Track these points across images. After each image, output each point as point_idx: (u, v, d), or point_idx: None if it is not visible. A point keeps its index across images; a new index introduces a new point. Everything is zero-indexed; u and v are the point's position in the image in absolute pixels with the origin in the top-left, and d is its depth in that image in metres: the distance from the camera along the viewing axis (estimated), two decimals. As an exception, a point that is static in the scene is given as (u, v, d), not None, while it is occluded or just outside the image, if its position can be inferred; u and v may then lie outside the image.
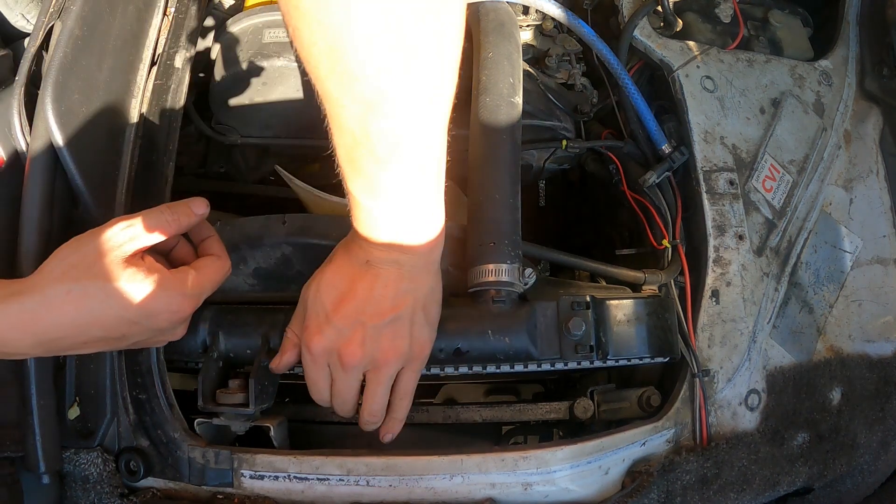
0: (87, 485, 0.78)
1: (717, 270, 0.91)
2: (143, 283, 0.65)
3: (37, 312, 0.62)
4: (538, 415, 0.93)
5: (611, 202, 1.11)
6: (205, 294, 0.72)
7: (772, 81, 1.02)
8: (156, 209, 0.70)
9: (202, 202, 0.73)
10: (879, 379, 0.98)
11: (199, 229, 0.76)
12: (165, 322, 0.69)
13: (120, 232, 0.66)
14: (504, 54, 0.90)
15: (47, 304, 0.62)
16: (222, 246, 0.76)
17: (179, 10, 0.93)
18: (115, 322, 0.65)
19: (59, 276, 0.64)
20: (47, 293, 0.63)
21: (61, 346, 0.66)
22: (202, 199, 0.73)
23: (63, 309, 0.63)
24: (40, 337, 0.63)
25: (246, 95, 0.96)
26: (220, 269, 0.73)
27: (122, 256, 0.65)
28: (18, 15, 0.97)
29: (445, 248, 0.86)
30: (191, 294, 0.69)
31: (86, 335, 0.65)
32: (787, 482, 0.90)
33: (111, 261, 0.64)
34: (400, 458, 0.78)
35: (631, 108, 0.98)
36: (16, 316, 0.62)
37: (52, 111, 0.74)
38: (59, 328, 0.63)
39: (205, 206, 0.73)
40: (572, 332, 0.78)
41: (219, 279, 0.73)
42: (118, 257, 0.64)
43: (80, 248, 0.65)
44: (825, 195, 1.01)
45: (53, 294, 0.63)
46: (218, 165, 1.07)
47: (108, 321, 0.65)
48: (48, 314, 0.63)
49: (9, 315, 0.62)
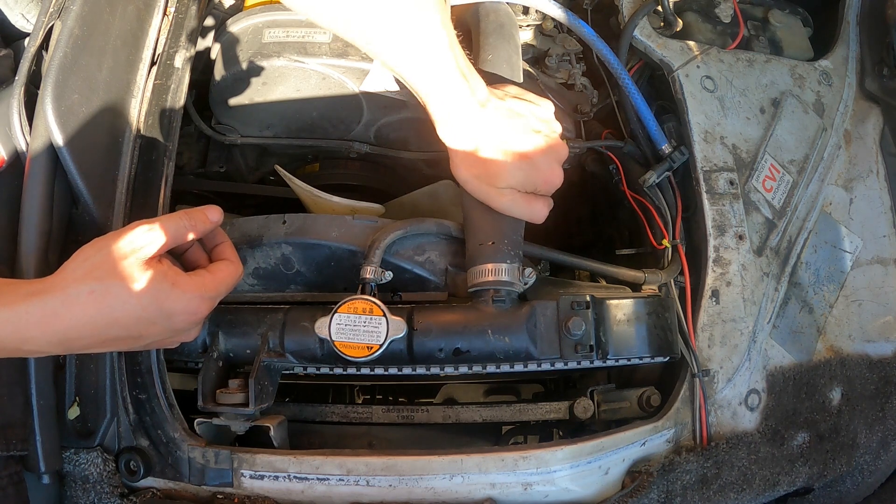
0: (87, 485, 0.78)
1: (717, 270, 0.91)
2: (163, 284, 0.67)
3: (58, 311, 0.64)
4: (538, 415, 0.93)
5: (611, 202, 1.11)
6: (220, 296, 0.74)
7: (772, 81, 1.02)
8: (174, 215, 0.72)
9: (217, 210, 0.76)
10: (879, 379, 0.98)
11: (213, 235, 0.79)
12: (182, 322, 0.71)
13: (141, 235, 0.68)
14: (503, 57, 0.90)
15: (69, 304, 0.64)
16: (235, 251, 0.79)
17: (179, 10, 0.93)
18: (134, 322, 0.67)
19: (81, 276, 0.65)
20: (69, 292, 0.64)
21: (80, 345, 0.67)
22: (217, 208, 0.76)
23: (84, 308, 0.64)
24: (60, 336, 0.65)
25: (246, 95, 0.96)
26: (234, 273, 0.76)
27: (143, 259, 0.67)
28: (18, 15, 0.97)
29: (446, 248, 0.86)
30: (208, 296, 0.72)
31: (105, 334, 0.67)
32: (787, 482, 0.90)
33: (132, 263, 0.66)
34: (400, 458, 0.78)
35: (631, 107, 0.98)
36: (38, 314, 0.63)
37: (52, 111, 0.74)
38: (79, 327, 0.65)
39: (219, 214, 0.76)
40: (572, 332, 0.78)
41: (232, 283, 0.76)
42: (139, 259, 0.67)
43: (102, 249, 0.67)
44: (825, 195, 1.01)
45: (75, 293, 0.64)
46: (218, 165, 1.07)
47: (128, 321, 0.67)
48: (69, 313, 0.64)
49: (30, 313, 0.63)
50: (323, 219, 0.86)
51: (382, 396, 1.18)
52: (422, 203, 1.01)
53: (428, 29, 0.75)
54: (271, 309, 0.83)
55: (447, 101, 0.78)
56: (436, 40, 0.75)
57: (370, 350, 0.76)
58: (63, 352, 0.69)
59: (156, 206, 0.84)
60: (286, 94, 0.95)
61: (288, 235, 0.85)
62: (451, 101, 0.77)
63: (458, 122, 0.78)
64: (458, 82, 0.76)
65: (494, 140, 0.79)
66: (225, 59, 0.95)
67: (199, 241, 0.78)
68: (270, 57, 0.92)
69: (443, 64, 0.76)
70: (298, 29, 0.93)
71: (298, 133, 1.02)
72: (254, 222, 0.87)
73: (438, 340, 0.79)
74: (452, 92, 0.77)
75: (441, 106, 0.78)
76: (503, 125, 0.79)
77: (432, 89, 0.77)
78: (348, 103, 0.96)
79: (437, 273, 0.86)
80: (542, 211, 0.83)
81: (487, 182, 0.80)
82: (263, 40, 0.93)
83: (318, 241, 0.84)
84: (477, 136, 0.79)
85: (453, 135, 0.80)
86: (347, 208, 0.91)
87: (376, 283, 0.81)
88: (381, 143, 1.03)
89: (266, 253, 0.86)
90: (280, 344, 0.81)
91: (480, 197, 0.82)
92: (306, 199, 0.96)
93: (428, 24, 0.74)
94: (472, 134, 0.79)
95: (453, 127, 0.79)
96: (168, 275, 0.68)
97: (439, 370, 0.81)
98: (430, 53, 0.75)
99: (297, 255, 0.85)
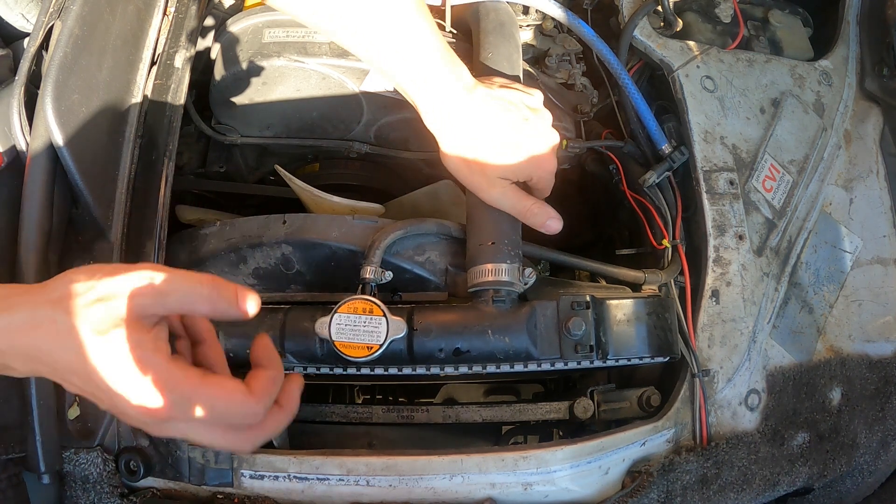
0: (87, 485, 0.78)
1: (717, 270, 0.91)
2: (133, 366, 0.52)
3: (21, 329, 0.54)
4: (538, 415, 0.93)
5: (611, 202, 1.11)
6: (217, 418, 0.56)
7: (772, 81, 1.02)
8: (194, 276, 0.57)
9: (255, 299, 0.58)
10: (879, 379, 0.98)
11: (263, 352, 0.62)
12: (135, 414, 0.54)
13: (141, 283, 0.55)
14: (504, 55, 0.90)
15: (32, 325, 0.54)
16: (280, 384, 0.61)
17: (179, 10, 0.93)
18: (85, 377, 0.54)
19: (55, 298, 0.55)
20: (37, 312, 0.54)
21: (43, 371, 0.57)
22: (255, 296, 0.58)
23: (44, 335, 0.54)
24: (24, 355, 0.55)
25: (246, 95, 0.96)
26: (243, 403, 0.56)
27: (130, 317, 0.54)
28: (18, 15, 0.97)
29: (446, 248, 0.86)
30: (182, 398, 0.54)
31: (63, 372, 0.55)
32: (787, 482, 0.90)
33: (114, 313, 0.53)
34: (400, 458, 0.78)
35: (631, 107, 0.98)
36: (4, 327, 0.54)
37: (52, 111, 0.74)
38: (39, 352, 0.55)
39: (256, 305, 0.58)
40: (572, 332, 0.78)
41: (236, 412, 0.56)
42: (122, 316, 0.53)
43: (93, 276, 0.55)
44: (825, 195, 1.01)
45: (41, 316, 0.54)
46: (218, 165, 1.07)
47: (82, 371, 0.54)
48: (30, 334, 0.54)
49: None
50: (323, 219, 0.86)
51: (382, 396, 1.18)
52: (422, 203, 1.01)
53: (407, 18, 0.74)
54: (271, 309, 0.83)
55: (432, 89, 0.76)
56: (416, 28, 0.74)
57: (370, 350, 0.76)
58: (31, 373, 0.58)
59: (156, 206, 0.83)
60: (286, 94, 0.95)
61: (288, 235, 0.85)
62: (436, 88, 0.76)
63: (444, 108, 0.77)
64: (441, 69, 0.75)
65: (482, 127, 0.77)
66: (225, 59, 0.95)
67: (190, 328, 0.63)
68: (270, 57, 0.92)
69: (425, 51, 0.75)
70: (298, 29, 0.93)
71: (298, 133, 1.02)
72: (254, 222, 0.87)
73: (438, 340, 0.79)
74: (436, 78, 0.76)
75: (426, 94, 0.77)
76: (491, 112, 0.78)
77: (416, 77, 0.76)
78: (348, 103, 0.96)
79: (438, 273, 0.86)
80: (539, 214, 0.81)
81: (478, 171, 0.79)
82: (263, 40, 0.93)
83: (318, 241, 0.84)
84: (464, 122, 0.77)
85: (440, 122, 0.78)
86: (347, 208, 0.91)
87: (376, 283, 0.80)
88: (381, 143, 1.03)
89: (266, 253, 0.86)
90: (280, 344, 0.81)
91: (472, 188, 0.81)
92: (306, 199, 0.96)
93: (407, 13, 0.74)
94: (459, 120, 0.77)
95: (440, 113, 0.78)
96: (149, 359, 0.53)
97: (439, 370, 0.81)
98: (412, 42, 0.74)
99: (297, 255, 0.85)
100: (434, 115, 0.78)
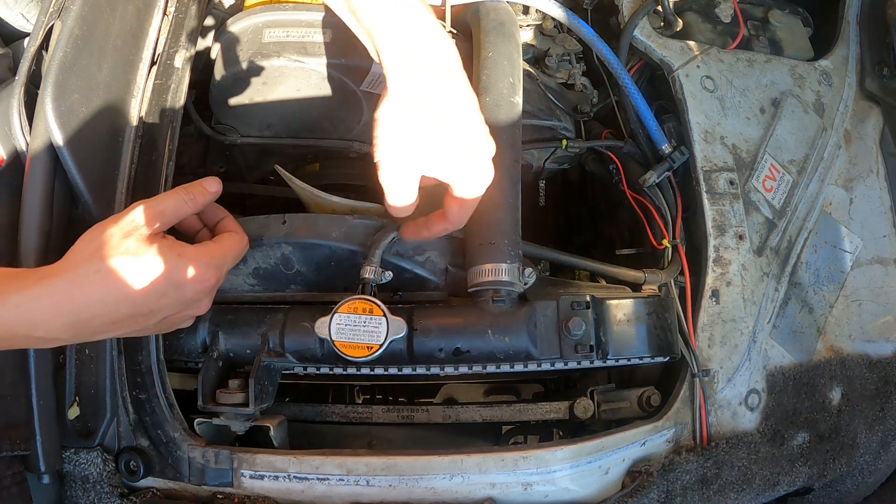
0: (87, 484, 0.78)
1: (717, 270, 0.91)
2: (169, 255, 0.69)
3: (69, 292, 0.65)
4: (538, 415, 0.93)
5: (611, 202, 1.11)
6: (227, 265, 0.76)
7: (772, 81, 1.02)
8: (172, 191, 0.74)
9: (215, 180, 0.77)
10: (879, 379, 0.98)
11: (214, 212, 0.81)
12: (192, 292, 0.72)
13: (141, 214, 0.69)
14: (504, 54, 0.90)
15: (78, 283, 0.65)
16: (237, 224, 0.81)
17: (179, 9, 0.93)
18: (143, 296, 0.68)
19: (87, 256, 0.66)
20: (78, 272, 0.65)
21: (92, 326, 0.67)
22: (215, 178, 0.78)
23: (94, 287, 0.65)
24: (72, 317, 0.65)
25: (246, 95, 0.96)
26: (240, 242, 0.78)
27: (146, 235, 0.68)
28: (18, 15, 0.97)
29: (446, 247, 0.86)
30: (214, 263, 0.73)
31: (116, 312, 0.67)
32: (787, 482, 0.90)
33: (135, 239, 0.67)
34: (400, 458, 0.78)
35: (631, 107, 0.98)
36: (48, 297, 0.64)
37: (52, 111, 0.74)
38: (90, 307, 0.66)
39: (217, 185, 0.77)
40: (572, 332, 0.78)
41: (238, 252, 0.78)
42: (142, 235, 0.68)
43: (105, 230, 0.68)
44: (825, 195, 1.01)
45: (84, 273, 0.65)
46: (218, 165, 1.07)
47: (137, 295, 0.67)
48: (79, 292, 0.65)
49: (41, 297, 0.64)
50: (323, 219, 0.86)
51: (382, 396, 1.18)
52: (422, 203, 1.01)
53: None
54: (271, 309, 0.83)
55: None
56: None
57: (370, 350, 0.76)
58: (74, 337, 0.69)
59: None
60: (286, 93, 0.95)
61: (288, 235, 0.85)
62: None
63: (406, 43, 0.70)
64: None
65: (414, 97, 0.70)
66: (225, 59, 0.95)
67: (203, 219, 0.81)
68: (270, 57, 0.92)
69: None
70: (298, 29, 0.93)
71: (298, 133, 1.02)
72: (254, 222, 0.87)
73: (438, 340, 0.79)
74: None
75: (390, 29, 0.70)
76: None
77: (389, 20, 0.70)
78: (348, 103, 0.96)
79: (437, 273, 0.86)
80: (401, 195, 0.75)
81: None
82: (263, 40, 0.93)
83: (319, 240, 0.84)
84: None
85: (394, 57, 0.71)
86: (347, 208, 0.91)
87: (376, 283, 0.80)
88: (382, 143, 1.03)
89: (266, 253, 0.86)
90: (280, 344, 0.81)
91: None
92: (306, 199, 0.96)
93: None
94: None
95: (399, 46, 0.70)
96: (173, 247, 0.70)
97: (439, 370, 0.81)
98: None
99: (297, 255, 0.85)
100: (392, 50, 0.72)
